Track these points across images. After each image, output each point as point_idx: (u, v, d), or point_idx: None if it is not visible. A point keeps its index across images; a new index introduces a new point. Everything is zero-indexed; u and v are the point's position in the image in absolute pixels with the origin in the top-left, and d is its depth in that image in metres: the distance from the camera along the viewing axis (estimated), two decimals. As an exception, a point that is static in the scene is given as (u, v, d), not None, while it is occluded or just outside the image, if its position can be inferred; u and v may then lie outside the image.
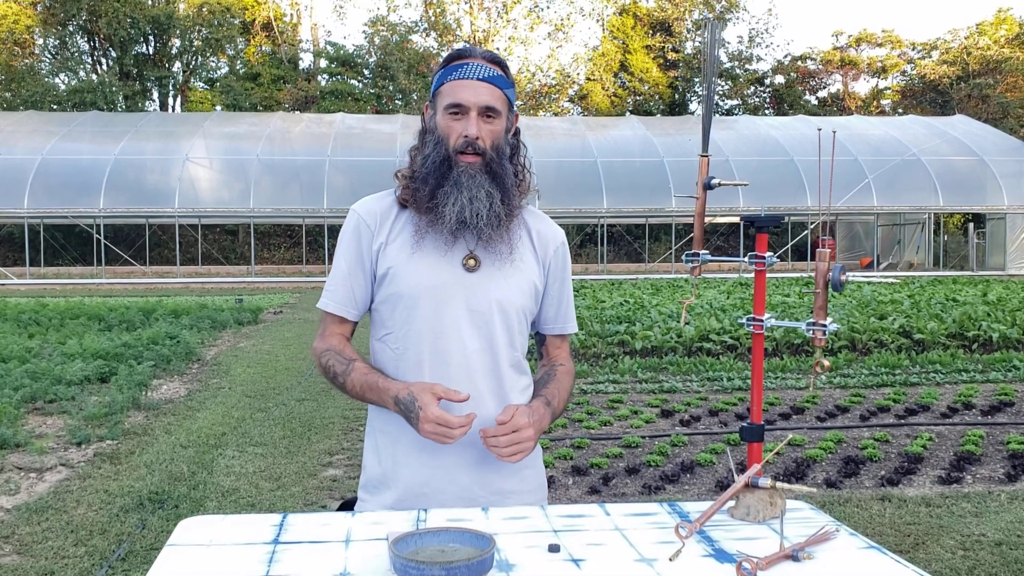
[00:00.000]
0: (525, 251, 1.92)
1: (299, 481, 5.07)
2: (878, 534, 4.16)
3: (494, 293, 1.85)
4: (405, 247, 1.86)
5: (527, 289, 1.90)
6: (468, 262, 1.85)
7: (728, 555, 1.46)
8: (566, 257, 2.00)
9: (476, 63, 1.84)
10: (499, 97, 1.84)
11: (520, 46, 40.54)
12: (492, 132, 1.84)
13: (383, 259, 1.87)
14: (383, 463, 1.89)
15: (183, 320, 12.41)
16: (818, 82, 42.67)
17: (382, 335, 1.91)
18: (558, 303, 1.99)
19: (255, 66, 38.63)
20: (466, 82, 1.82)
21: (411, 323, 1.85)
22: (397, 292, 1.85)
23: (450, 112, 1.83)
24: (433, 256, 1.84)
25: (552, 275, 1.97)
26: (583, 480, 5.06)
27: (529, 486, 1.94)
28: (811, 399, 7.23)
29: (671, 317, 11.50)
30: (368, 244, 1.89)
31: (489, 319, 1.85)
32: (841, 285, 1.68)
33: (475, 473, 1.85)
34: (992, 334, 9.82)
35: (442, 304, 1.83)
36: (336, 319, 1.93)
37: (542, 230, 1.97)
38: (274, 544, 1.53)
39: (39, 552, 3.94)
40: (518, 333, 1.91)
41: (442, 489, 1.84)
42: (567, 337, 2.05)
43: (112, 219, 24.71)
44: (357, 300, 1.91)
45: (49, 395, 7.21)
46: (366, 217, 1.90)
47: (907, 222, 27.96)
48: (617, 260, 29.70)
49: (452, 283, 1.84)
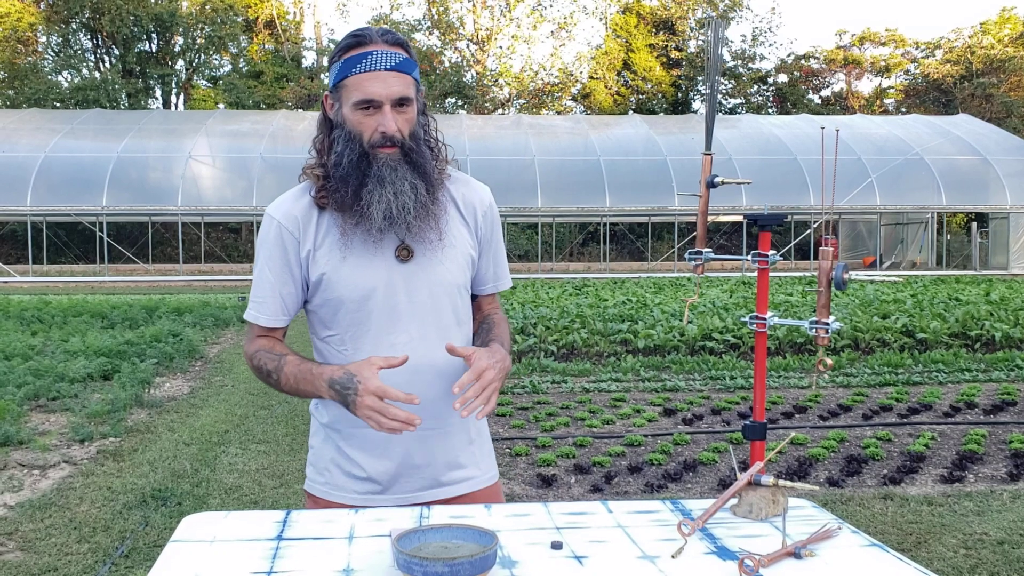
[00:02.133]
0: (455, 224, 1.88)
1: (302, 479, 5.06)
2: (880, 533, 4.16)
3: (433, 278, 1.83)
4: (335, 251, 1.80)
5: (463, 263, 1.88)
6: (401, 253, 1.81)
7: (730, 552, 1.46)
8: (495, 218, 1.97)
9: (380, 51, 1.73)
10: (409, 83, 1.76)
11: (523, 44, 40.56)
12: (407, 121, 1.77)
13: (314, 266, 1.81)
14: (331, 448, 1.89)
15: (186, 318, 12.42)
16: (821, 81, 42.63)
17: (325, 336, 1.87)
18: (490, 265, 1.97)
19: (258, 64, 38.66)
20: (373, 74, 1.72)
21: (356, 324, 1.81)
22: (337, 297, 1.80)
23: (361, 108, 1.74)
24: (365, 255, 1.79)
25: (484, 239, 1.94)
26: (585, 478, 5.06)
27: (480, 460, 1.95)
28: (813, 398, 7.22)
29: (673, 316, 11.50)
30: (295, 252, 1.81)
31: (433, 304, 1.83)
32: (844, 283, 1.68)
33: (438, 457, 1.86)
34: (995, 333, 9.80)
35: (384, 301, 1.80)
36: (265, 328, 1.88)
37: (467, 195, 1.92)
38: (278, 540, 1.53)
39: (42, 549, 3.95)
40: (462, 307, 1.89)
41: (407, 476, 1.85)
42: (497, 293, 2.04)
43: (115, 217, 24.72)
44: (288, 308, 1.86)
45: (52, 392, 7.22)
46: (287, 223, 1.81)
47: (910, 221, 27.93)
48: (620, 259, 29.70)
49: (389, 278, 1.80)
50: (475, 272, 1.95)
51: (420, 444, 1.84)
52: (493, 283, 2.00)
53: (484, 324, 1.97)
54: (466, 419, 1.86)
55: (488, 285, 1.99)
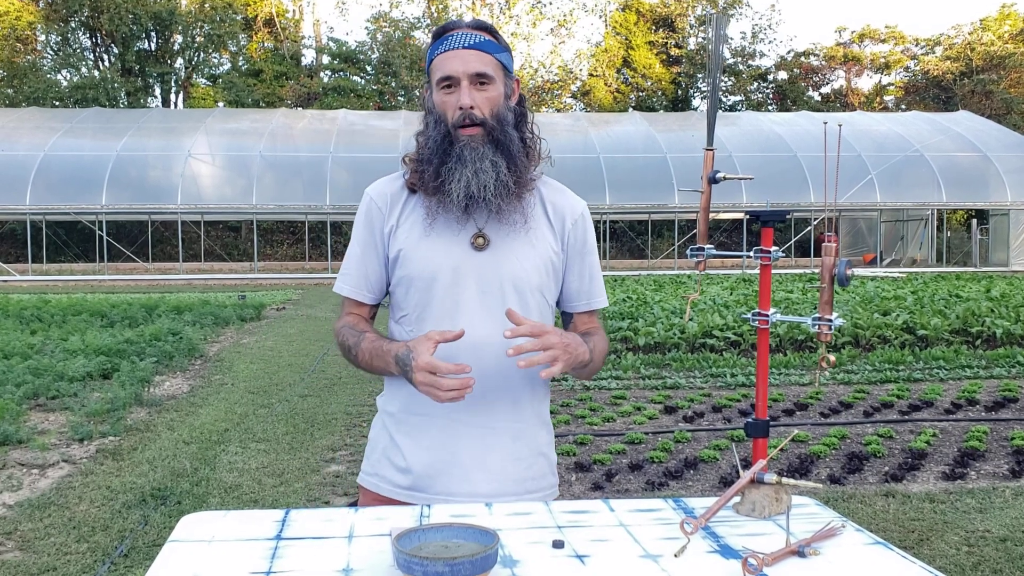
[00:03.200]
0: (540, 224, 1.85)
1: (302, 477, 5.07)
2: (882, 530, 4.15)
3: (505, 272, 1.80)
4: (415, 229, 1.82)
5: (542, 266, 1.83)
6: (476, 241, 1.80)
7: (734, 551, 1.45)
8: (587, 229, 1.91)
9: (461, 32, 1.78)
10: (489, 62, 1.77)
11: (523, 42, 40.51)
12: (488, 99, 1.77)
13: (394, 241, 1.84)
14: (385, 437, 1.89)
15: (186, 316, 12.41)
16: (821, 78, 42.61)
17: (399, 317, 1.88)
18: (580, 279, 1.90)
19: (257, 62, 38.63)
20: (453, 52, 1.76)
21: (423, 306, 1.81)
22: (408, 275, 1.82)
23: (443, 87, 1.77)
24: (444, 237, 1.80)
25: (572, 249, 1.89)
26: (586, 476, 5.05)
27: (538, 473, 1.90)
28: (815, 395, 7.21)
29: (674, 313, 11.49)
30: (380, 226, 1.86)
31: (501, 300, 1.80)
32: (847, 279, 1.66)
33: (480, 458, 1.82)
34: (996, 330, 9.79)
35: (452, 286, 1.79)
36: (352, 303, 1.90)
37: (558, 202, 1.89)
38: (276, 540, 1.52)
39: (41, 548, 3.94)
40: (536, 313, 1.83)
41: (447, 473, 1.82)
42: (595, 313, 1.95)
43: (114, 215, 24.72)
44: (371, 283, 1.88)
45: (51, 391, 7.21)
46: (377, 199, 1.87)
47: (910, 218, 27.92)
48: (620, 256, 29.69)
49: (461, 264, 1.79)
50: (563, 285, 1.90)
51: (471, 443, 1.82)
52: (586, 300, 1.92)
53: (582, 335, 1.88)
54: (523, 428, 1.83)
55: (581, 302, 1.91)
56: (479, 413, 1.80)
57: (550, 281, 1.86)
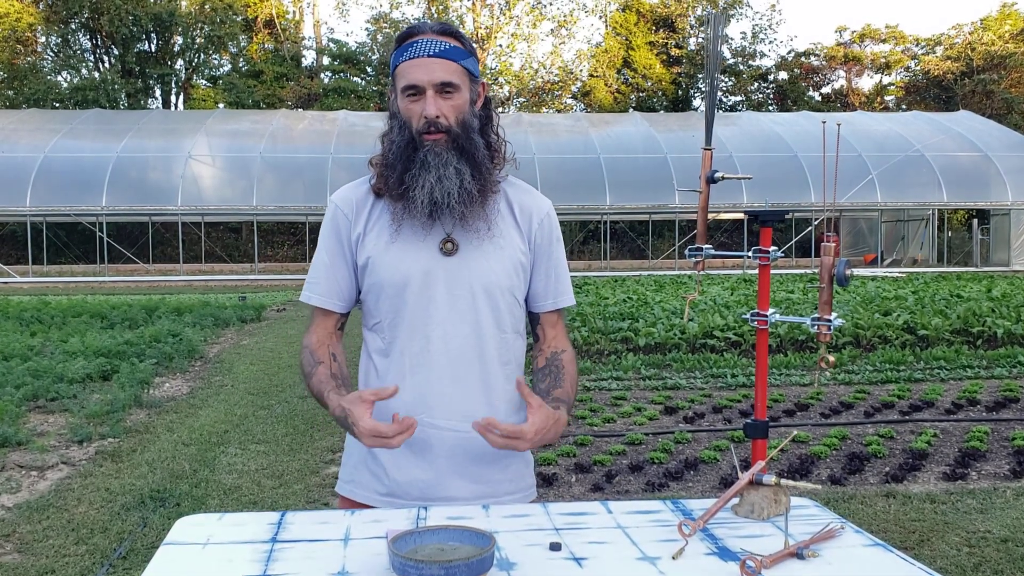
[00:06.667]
0: (507, 226, 1.86)
1: (301, 479, 5.06)
2: (883, 531, 4.14)
3: (475, 275, 1.81)
4: (383, 236, 1.82)
5: (511, 268, 1.84)
6: (445, 246, 1.80)
7: (732, 553, 1.44)
8: (553, 228, 1.91)
9: (426, 39, 1.77)
10: (455, 70, 1.77)
11: (523, 43, 40.52)
12: (454, 107, 1.77)
13: (362, 249, 1.84)
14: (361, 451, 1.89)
15: (186, 318, 12.40)
16: (821, 78, 42.58)
17: (372, 324, 1.88)
18: (546, 278, 1.91)
19: (258, 63, 38.63)
20: (418, 61, 1.76)
21: (394, 312, 1.82)
22: (378, 282, 1.82)
23: (408, 95, 1.77)
24: (411, 243, 1.80)
25: (539, 249, 1.89)
26: (586, 477, 5.04)
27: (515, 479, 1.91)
28: (815, 395, 7.20)
29: (674, 314, 11.48)
30: (347, 234, 1.86)
31: (472, 303, 1.81)
32: (846, 279, 1.66)
33: (455, 463, 1.83)
34: (997, 330, 9.78)
35: (422, 292, 1.80)
36: (321, 312, 1.89)
37: (524, 202, 1.89)
38: (272, 543, 1.51)
39: (40, 550, 3.93)
40: (507, 313, 1.85)
41: (422, 479, 1.82)
42: (562, 312, 1.96)
43: (115, 217, 24.70)
44: (341, 291, 1.88)
45: (51, 393, 7.20)
46: (343, 206, 1.87)
47: (911, 218, 27.89)
48: (620, 257, 29.66)
49: (430, 270, 1.80)
50: (530, 285, 1.90)
51: (446, 449, 1.83)
52: (553, 299, 1.92)
53: (552, 366, 1.90)
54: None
55: (547, 301, 1.92)
56: (453, 419, 1.80)
57: (520, 282, 1.87)
